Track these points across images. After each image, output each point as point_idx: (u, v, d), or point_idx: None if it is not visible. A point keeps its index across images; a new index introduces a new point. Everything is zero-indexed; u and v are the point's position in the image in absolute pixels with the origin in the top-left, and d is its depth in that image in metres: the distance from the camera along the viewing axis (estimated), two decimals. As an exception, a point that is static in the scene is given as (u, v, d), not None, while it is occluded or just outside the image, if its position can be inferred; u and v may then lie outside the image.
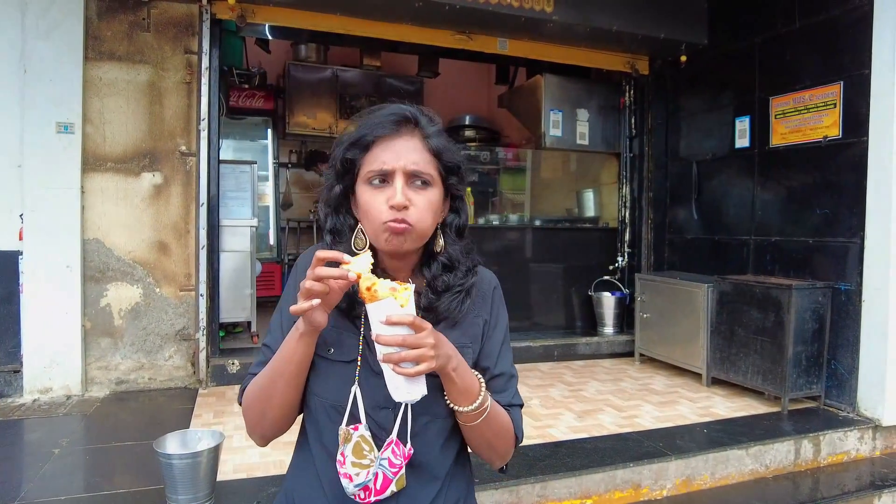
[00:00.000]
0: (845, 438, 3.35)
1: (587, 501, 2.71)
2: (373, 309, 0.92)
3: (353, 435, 1.00)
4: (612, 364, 4.86)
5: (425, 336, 0.93)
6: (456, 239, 1.13)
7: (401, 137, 1.03)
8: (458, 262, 1.11)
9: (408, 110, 1.05)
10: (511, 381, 1.17)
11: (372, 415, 1.02)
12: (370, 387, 1.02)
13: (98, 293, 3.81)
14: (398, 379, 0.94)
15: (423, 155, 1.03)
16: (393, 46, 5.23)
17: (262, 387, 1.03)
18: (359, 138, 1.03)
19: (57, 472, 2.64)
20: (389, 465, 1.00)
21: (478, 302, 1.14)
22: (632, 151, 5.45)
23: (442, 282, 1.09)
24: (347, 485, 0.99)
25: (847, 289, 3.63)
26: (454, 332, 1.09)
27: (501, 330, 1.18)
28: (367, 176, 1.02)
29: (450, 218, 1.12)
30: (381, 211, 1.00)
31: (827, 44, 3.80)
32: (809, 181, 3.93)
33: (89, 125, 3.76)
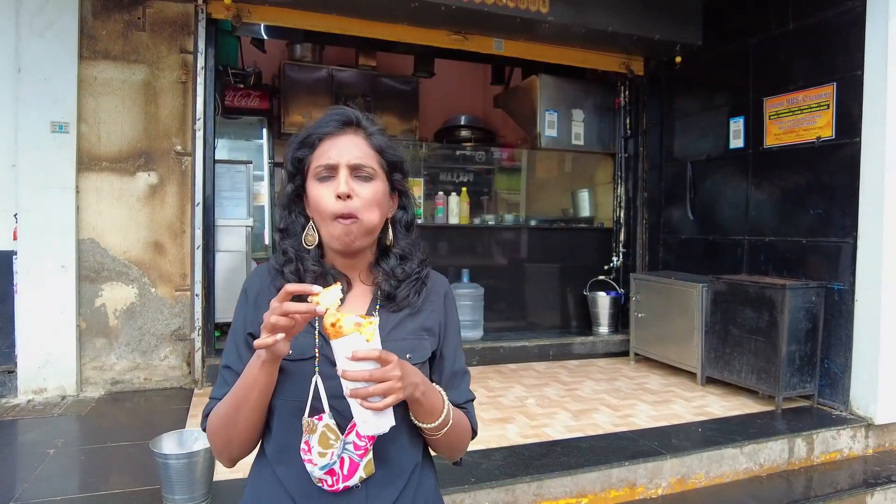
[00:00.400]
0: (838, 437, 3.37)
1: (583, 500, 2.73)
2: (338, 345, 0.92)
3: (317, 425, 1.01)
4: (607, 363, 4.88)
5: (391, 369, 0.94)
6: (405, 233, 1.18)
7: (344, 135, 1.09)
8: (411, 253, 1.17)
9: (351, 112, 1.12)
10: (465, 378, 1.23)
11: (335, 405, 1.02)
12: (331, 378, 1.02)
13: (93, 293, 3.80)
14: (366, 413, 0.94)
15: (365, 150, 1.09)
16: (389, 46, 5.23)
17: (226, 414, 1.03)
18: (306, 137, 1.10)
19: (52, 473, 2.63)
20: (354, 448, 1.02)
21: (433, 299, 1.19)
22: (627, 152, 5.47)
23: (401, 270, 1.14)
24: (312, 470, 1.00)
25: (840, 288, 3.66)
26: (415, 321, 1.14)
27: (456, 331, 1.24)
28: (315, 172, 1.08)
29: (398, 214, 1.17)
30: (329, 203, 1.05)
31: (820, 45, 3.82)
32: (803, 182, 3.96)
33: (84, 125, 3.75)
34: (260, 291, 1.12)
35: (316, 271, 1.10)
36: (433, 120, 7.04)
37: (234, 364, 1.09)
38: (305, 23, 4.24)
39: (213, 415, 1.07)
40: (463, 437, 1.16)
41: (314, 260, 1.11)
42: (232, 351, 1.11)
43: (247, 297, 1.14)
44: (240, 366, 1.05)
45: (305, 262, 1.10)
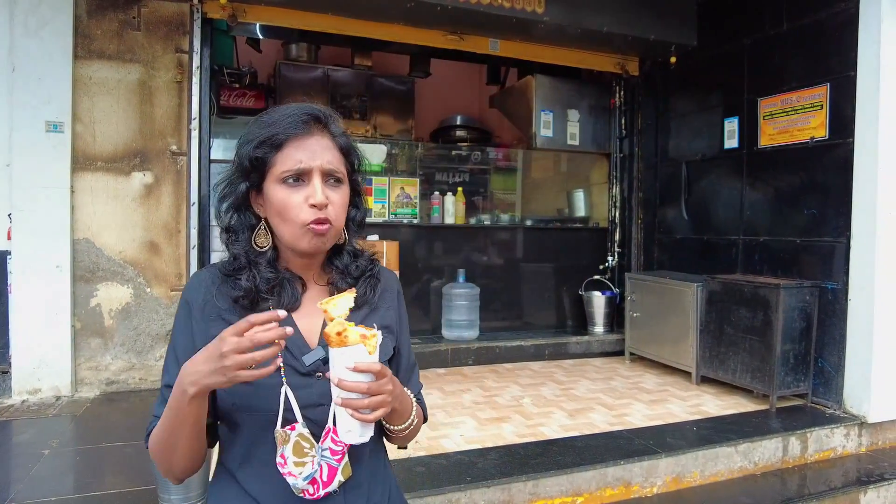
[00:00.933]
0: (832, 435, 3.39)
1: (578, 499, 2.74)
2: (339, 354, 0.91)
3: (290, 435, 0.98)
4: (602, 363, 4.89)
5: (386, 383, 0.94)
6: (357, 231, 1.16)
7: (313, 136, 1.03)
8: (361, 251, 1.16)
9: (318, 110, 1.06)
10: (416, 370, 1.25)
11: (307, 414, 1.00)
12: (300, 387, 1.00)
13: (88, 293, 3.79)
14: (352, 423, 0.94)
15: (334, 153, 1.05)
16: (384, 46, 5.24)
17: (163, 441, 0.98)
18: (270, 136, 1.01)
19: (47, 473, 2.62)
20: (331, 454, 1.00)
21: (387, 296, 1.18)
22: (622, 152, 5.49)
23: (356, 267, 1.13)
24: (294, 482, 0.97)
25: (834, 288, 3.68)
26: (374, 317, 1.13)
27: (407, 325, 1.24)
28: (281, 175, 1.01)
29: (352, 213, 1.14)
30: (301, 210, 1.01)
31: (814, 46, 3.84)
32: (797, 182, 3.98)
33: (79, 124, 3.74)
34: (206, 302, 1.04)
35: (272, 278, 1.04)
36: (429, 120, 7.04)
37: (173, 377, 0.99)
38: (301, 22, 4.23)
39: (151, 438, 1.02)
40: (418, 430, 1.17)
41: (269, 265, 1.05)
42: (173, 368, 1.00)
43: (190, 309, 1.05)
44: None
45: (259, 267, 1.04)
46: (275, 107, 1.08)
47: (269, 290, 1.04)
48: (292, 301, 1.07)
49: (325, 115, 1.07)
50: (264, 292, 1.04)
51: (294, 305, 1.07)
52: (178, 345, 1.04)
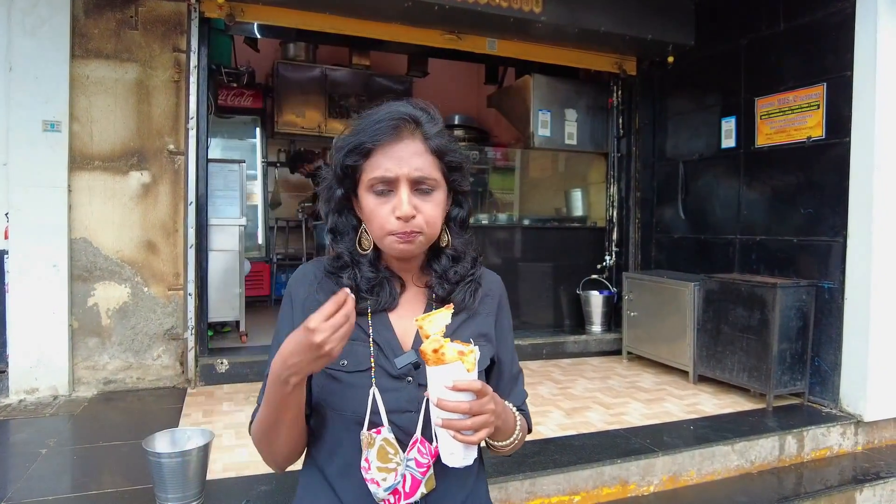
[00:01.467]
0: (828, 434, 3.40)
1: (575, 498, 2.74)
2: (437, 372, 0.88)
3: (376, 439, 0.97)
4: (600, 362, 4.90)
5: (487, 402, 0.90)
6: (459, 231, 1.12)
7: (402, 141, 1.00)
8: (464, 253, 1.11)
9: (407, 112, 1.02)
10: (520, 379, 1.21)
11: (394, 419, 0.99)
12: (389, 390, 1.00)
13: (85, 292, 3.79)
14: (455, 445, 0.90)
15: (425, 158, 1.01)
16: (382, 46, 5.24)
17: (264, 430, 1.00)
18: (359, 145, 1.00)
19: (44, 473, 2.62)
20: (417, 466, 0.98)
21: (488, 301, 1.14)
22: (619, 151, 5.50)
23: (454, 272, 1.08)
24: (376, 490, 0.96)
25: (830, 287, 3.69)
26: (472, 324, 1.09)
27: (510, 333, 1.20)
28: (369, 183, 1.00)
29: (453, 212, 1.11)
30: (388, 220, 0.99)
31: (810, 46, 3.85)
32: (794, 181, 3.99)
33: (76, 123, 3.74)
34: (308, 295, 1.06)
35: (372, 278, 1.04)
36: (427, 119, 7.03)
37: None
38: (299, 22, 4.23)
39: (254, 428, 1.03)
40: (523, 442, 1.14)
41: (370, 265, 1.05)
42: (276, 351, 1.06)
43: (292, 302, 1.08)
44: None
45: (361, 267, 1.05)
46: (369, 110, 1.05)
47: (369, 289, 1.04)
48: (390, 301, 1.06)
49: (417, 116, 1.03)
50: (364, 291, 1.04)
51: (391, 305, 1.06)
52: (283, 334, 1.03)
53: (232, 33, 5.01)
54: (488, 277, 1.17)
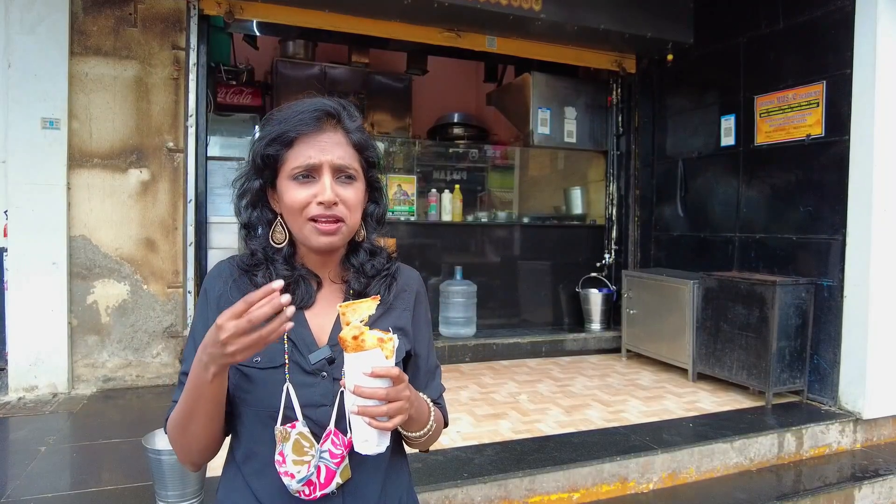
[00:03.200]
0: (827, 432, 3.41)
1: (575, 495, 2.74)
2: (355, 359, 0.88)
3: (290, 433, 0.97)
4: (599, 360, 4.90)
5: (403, 389, 0.91)
6: (376, 227, 1.14)
7: (324, 133, 1.01)
8: (380, 248, 1.14)
9: (330, 105, 1.03)
10: (438, 373, 1.22)
11: (308, 414, 0.99)
12: (303, 386, 1.00)
13: (85, 290, 3.79)
14: (370, 432, 0.91)
15: (347, 150, 1.03)
16: (382, 43, 5.23)
17: (180, 424, 0.99)
18: (281, 134, 1.00)
19: (44, 470, 2.62)
20: (331, 457, 0.99)
21: (404, 297, 1.15)
22: (619, 149, 5.50)
23: (371, 266, 1.10)
24: (290, 482, 0.97)
25: (829, 285, 3.69)
26: (388, 318, 1.10)
27: (428, 326, 1.20)
28: (291, 172, 1.00)
29: (370, 208, 1.12)
30: (309, 206, 1.00)
31: (810, 44, 3.85)
32: (793, 179, 3.99)
33: (75, 121, 3.73)
34: (222, 293, 1.05)
35: (288, 276, 1.03)
36: (426, 117, 7.04)
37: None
38: (298, 19, 4.23)
39: (170, 422, 1.03)
40: (438, 435, 1.14)
41: (285, 261, 1.05)
42: (192, 355, 1.00)
43: (207, 298, 1.07)
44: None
45: (276, 264, 1.04)
46: (288, 103, 1.05)
47: (285, 287, 1.02)
48: (306, 298, 1.06)
49: (338, 110, 1.04)
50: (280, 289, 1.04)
51: (308, 303, 1.06)
52: (197, 332, 1.04)
53: (231, 31, 5.00)
54: (405, 273, 1.18)
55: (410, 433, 1.06)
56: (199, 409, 0.95)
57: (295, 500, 1.00)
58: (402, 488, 1.15)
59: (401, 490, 1.14)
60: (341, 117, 1.04)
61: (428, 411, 1.08)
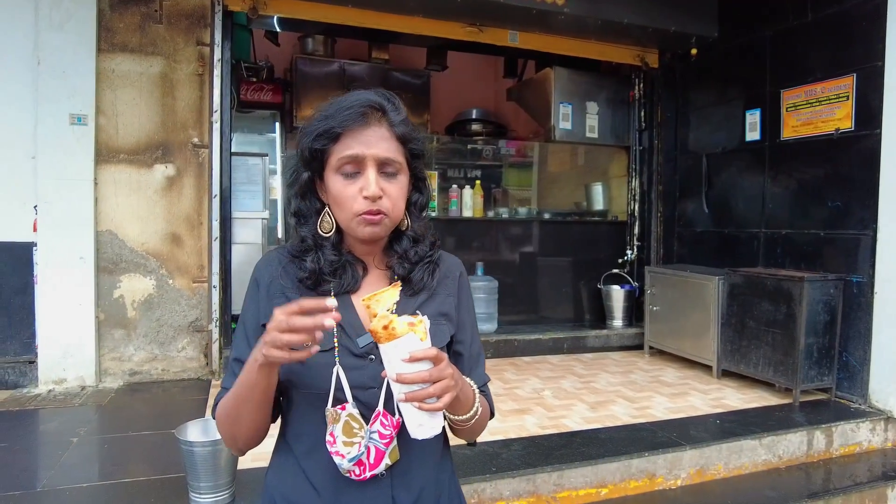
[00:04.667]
0: (857, 430, 3.36)
1: (602, 490, 2.73)
2: (391, 348, 0.88)
3: (340, 415, 0.99)
4: (621, 357, 4.87)
5: (446, 366, 0.92)
6: (419, 215, 1.16)
7: (369, 127, 1.03)
8: (423, 236, 1.15)
9: (374, 100, 1.05)
10: (481, 360, 1.22)
11: (358, 396, 1.02)
12: (352, 369, 1.02)
13: (111, 285, 3.83)
14: (422, 416, 0.91)
15: (391, 143, 1.05)
16: (403, 39, 5.23)
17: (228, 411, 1.02)
18: (327, 129, 1.03)
19: (76, 461, 2.66)
20: (380, 438, 1.00)
21: (448, 283, 1.17)
22: (641, 145, 5.45)
23: (414, 253, 1.12)
24: (341, 462, 0.98)
25: (859, 281, 3.64)
26: (431, 304, 1.12)
27: (471, 312, 1.22)
28: (337, 165, 1.03)
29: (414, 197, 1.14)
30: (355, 201, 1.02)
31: (839, 36, 3.79)
32: (821, 174, 3.93)
33: (102, 117, 3.77)
34: (272, 280, 1.08)
35: (335, 261, 1.07)
36: (445, 113, 7.03)
37: (244, 356, 1.04)
38: (320, 14, 4.24)
39: (219, 408, 1.06)
40: (484, 422, 1.15)
41: (333, 248, 1.08)
42: (242, 342, 1.08)
43: (258, 286, 1.10)
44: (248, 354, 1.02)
45: (324, 250, 1.07)
46: (336, 97, 1.07)
47: (332, 272, 1.07)
48: (352, 284, 1.09)
49: (383, 103, 1.06)
50: (327, 274, 1.07)
51: (354, 288, 1.09)
52: (246, 321, 1.09)
53: (253, 27, 5.02)
54: (448, 260, 1.21)
55: (457, 416, 1.06)
56: (249, 397, 0.98)
57: (345, 479, 1.02)
58: (447, 474, 1.17)
59: (446, 476, 1.16)
60: (386, 111, 1.06)
61: (473, 395, 1.09)
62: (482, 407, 1.11)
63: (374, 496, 1.04)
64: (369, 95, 1.06)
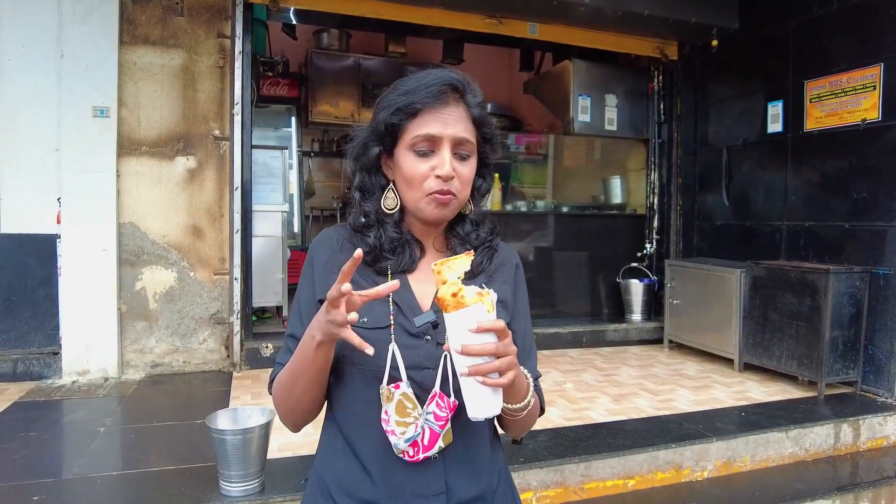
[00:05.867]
0: (885, 423, 3.32)
1: (630, 482, 2.71)
2: (457, 317, 0.85)
3: (395, 393, 0.98)
4: (641, 350, 4.84)
5: (510, 343, 0.90)
6: (480, 200, 1.15)
7: (448, 106, 1.02)
8: (483, 221, 1.15)
9: (455, 78, 1.03)
10: (533, 353, 1.20)
11: (413, 376, 1.00)
12: (408, 347, 1.01)
13: (133, 277, 3.84)
14: (484, 393, 0.88)
15: (466, 125, 1.04)
16: (419, 31, 5.21)
17: (285, 385, 1.03)
18: (408, 104, 1.02)
19: (105, 450, 2.67)
20: (435, 419, 0.99)
21: (504, 270, 1.16)
22: (660, 137, 5.41)
23: (475, 236, 1.12)
24: (396, 441, 0.97)
25: (885, 273, 3.59)
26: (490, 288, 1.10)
27: (526, 304, 1.20)
28: (412, 142, 1.02)
29: (478, 182, 1.13)
30: (427, 179, 1.02)
31: (866, 25, 3.74)
32: (845, 165, 3.89)
33: (124, 109, 3.78)
34: (329, 257, 1.08)
35: (395, 239, 1.07)
36: (459, 108, 7.00)
37: (298, 332, 1.05)
38: (339, 7, 4.23)
39: (276, 383, 1.07)
40: (535, 416, 1.12)
41: (395, 226, 1.07)
42: (297, 320, 1.08)
43: (313, 263, 1.10)
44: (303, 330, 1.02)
45: (386, 226, 1.07)
46: (413, 74, 1.06)
47: (392, 249, 1.06)
48: (409, 263, 1.08)
49: (463, 84, 1.05)
50: (387, 251, 1.06)
51: (411, 268, 1.08)
52: (301, 298, 1.09)
53: (272, 20, 5.02)
54: (505, 249, 1.20)
55: (511, 405, 1.03)
56: (305, 373, 0.98)
57: (396, 460, 1.00)
58: (500, 464, 1.15)
59: (499, 465, 1.14)
60: (465, 91, 1.05)
61: (527, 384, 1.06)
62: (534, 399, 1.08)
63: (427, 479, 1.02)
64: (451, 74, 1.04)
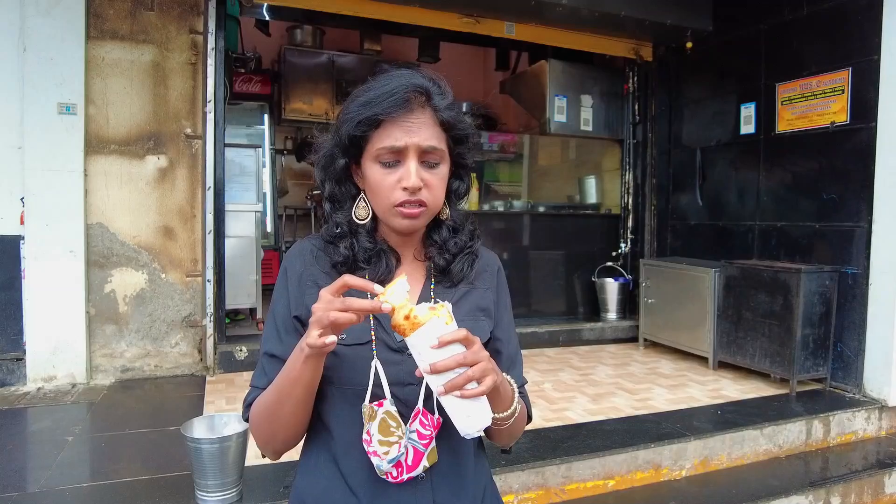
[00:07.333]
0: (853, 419, 3.41)
1: (610, 482, 2.73)
2: (417, 337, 0.83)
3: (377, 411, 0.95)
4: (616, 349, 4.89)
5: (479, 349, 0.88)
6: (458, 203, 1.12)
7: (412, 113, 0.97)
8: (463, 225, 1.11)
9: (420, 83, 0.99)
10: (518, 360, 1.17)
11: (396, 392, 0.97)
12: (390, 363, 0.98)
13: (102, 279, 3.73)
14: (468, 406, 0.86)
15: (433, 130, 0.99)
16: (395, 29, 5.16)
17: (269, 408, 0.97)
18: (368, 117, 0.97)
19: (74, 460, 2.59)
20: (419, 438, 0.96)
21: (486, 277, 1.13)
22: (635, 138, 5.46)
23: (454, 243, 1.08)
24: (379, 463, 0.94)
25: (854, 272, 3.69)
26: (470, 297, 1.08)
27: (509, 310, 1.17)
28: (376, 153, 0.98)
29: (454, 185, 1.09)
30: (393, 191, 0.98)
31: (835, 30, 3.82)
32: (816, 167, 3.97)
33: (92, 106, 3.66)
34: (303, 271, 1.04)
35: (370, 249, 1.03)
36: (435, 106, 6.97)
37: (276, 350, 1.01)
38: (315, 3, 4.16)
39: (255, 407, 1.01)
40: (523, 424, 1.10)
41: (368, 236, 1.03)
42: (273, 336, 1.02)
43: (287, 277, 1.05)
44: (282, 351, 0.99)
45: (359, 237, 1.03)
46: (376, 78, 1.01)
47: (366, 259, 1.02)
48: (386, 273, 1.03)
49: (428, 87, 1.00)
50: (362, 261, 1.02)
51: (387, 278, 1.03)
52: (277, 312, 1.04)
53: (245, 15, 4.92)
54: (486, 254, 1.17)
55: (496, 413, 1.00)
56: (293, 393, 0.93)
57: (383, 481, 0.97)
58: (486, 476, 1.13)
59: (485, 477, 1.12)
60: (431, 95, 1.00)
61: (512, 392, 1.04)
62: (521, 406, 1.06)
63: (416, 499, 0.99)
64: (414, 79, 0.99)
